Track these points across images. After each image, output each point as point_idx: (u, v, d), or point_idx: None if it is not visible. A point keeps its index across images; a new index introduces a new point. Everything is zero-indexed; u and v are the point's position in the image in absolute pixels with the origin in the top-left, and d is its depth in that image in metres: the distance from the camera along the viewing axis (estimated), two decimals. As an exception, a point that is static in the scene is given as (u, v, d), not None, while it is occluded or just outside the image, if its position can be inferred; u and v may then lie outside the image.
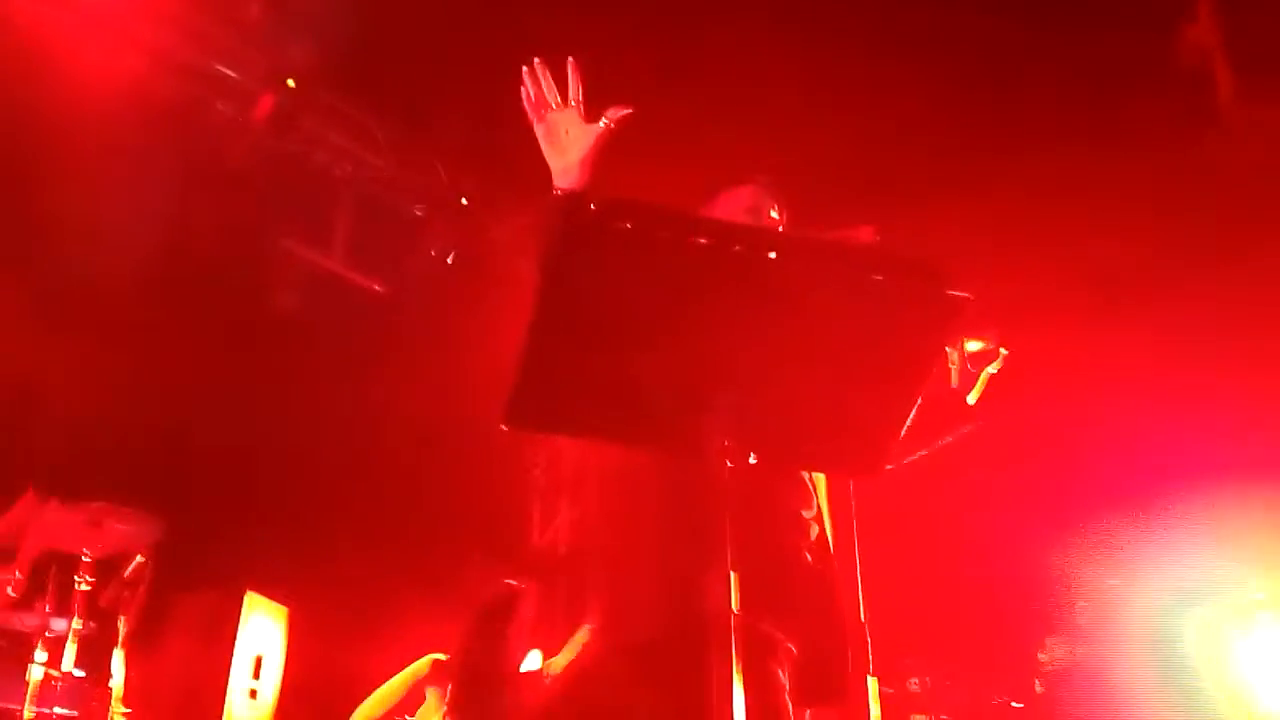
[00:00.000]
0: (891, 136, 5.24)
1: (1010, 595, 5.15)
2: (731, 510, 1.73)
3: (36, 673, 4.39)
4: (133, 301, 5.58)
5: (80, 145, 5.15)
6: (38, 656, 4.43)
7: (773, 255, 1.66)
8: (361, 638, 5.13)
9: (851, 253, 1.72)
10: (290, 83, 5.77)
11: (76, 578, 4.52)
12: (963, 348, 2.78)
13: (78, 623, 4.48)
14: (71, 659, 4.47)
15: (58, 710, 4.51)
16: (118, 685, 4.49)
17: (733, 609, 1.65)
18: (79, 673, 4.54)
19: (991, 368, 2.66)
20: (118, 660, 4.53)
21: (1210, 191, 5.00)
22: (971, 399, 2.61)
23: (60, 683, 4.48)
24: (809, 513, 2.50)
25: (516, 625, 3.74)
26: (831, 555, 2.51)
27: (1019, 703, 4.77)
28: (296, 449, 6.06)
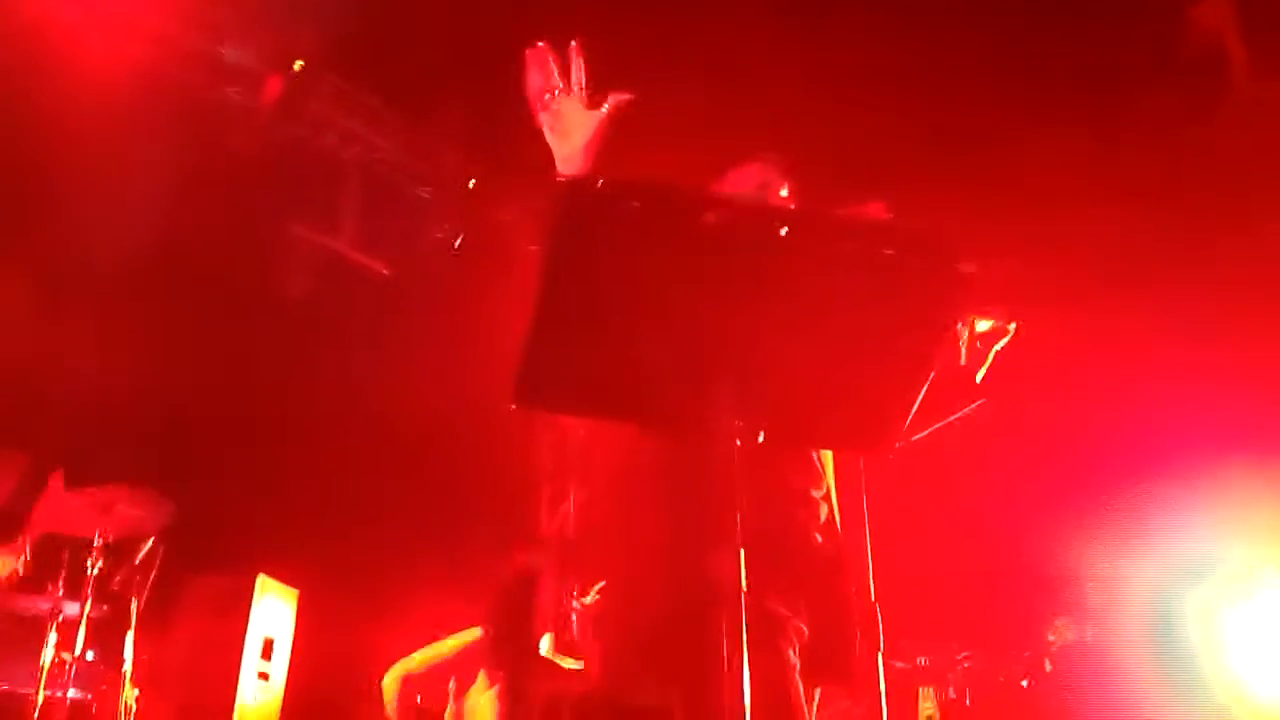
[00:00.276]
0: (897, 117, 5.21)
1: (1018, 575, 5.15)
2: (740, 490, 1.72)
3: (48, 656, 4.42)
4: (143, 285, 5.59)
5: (88, 129, 5.14)
6: (50, 640, 4.45)
7: (782, 231, 1.64)
8: (372, 620, 5.15)
9: (861, 228, 1.70)
10: (297, 66, 5.75)
11: (88, 561, 4.54)
12: (973, 326, 2.76)
13: (90, 606, 4.50)
14: (83, 642, 4.50)
15: (70, 693, 4.53)
16: (129, 668, 4.51)
17: (741, 587, 1.64)
18: (91, 656, 4.56)
19: (1000, 344, 2.65)
20: (129, 643, 4.56)
21: (1216, 170, 4.97)
22: (979, 376, 2.60)
23: (73, 666, 4.50)
24: (818, 492, 2.49)
25: (540, 599, 3.94)
26: (840, 535, 2.50)
27: (1026, 680, 4.77)
28: (307, 432, 6.08)
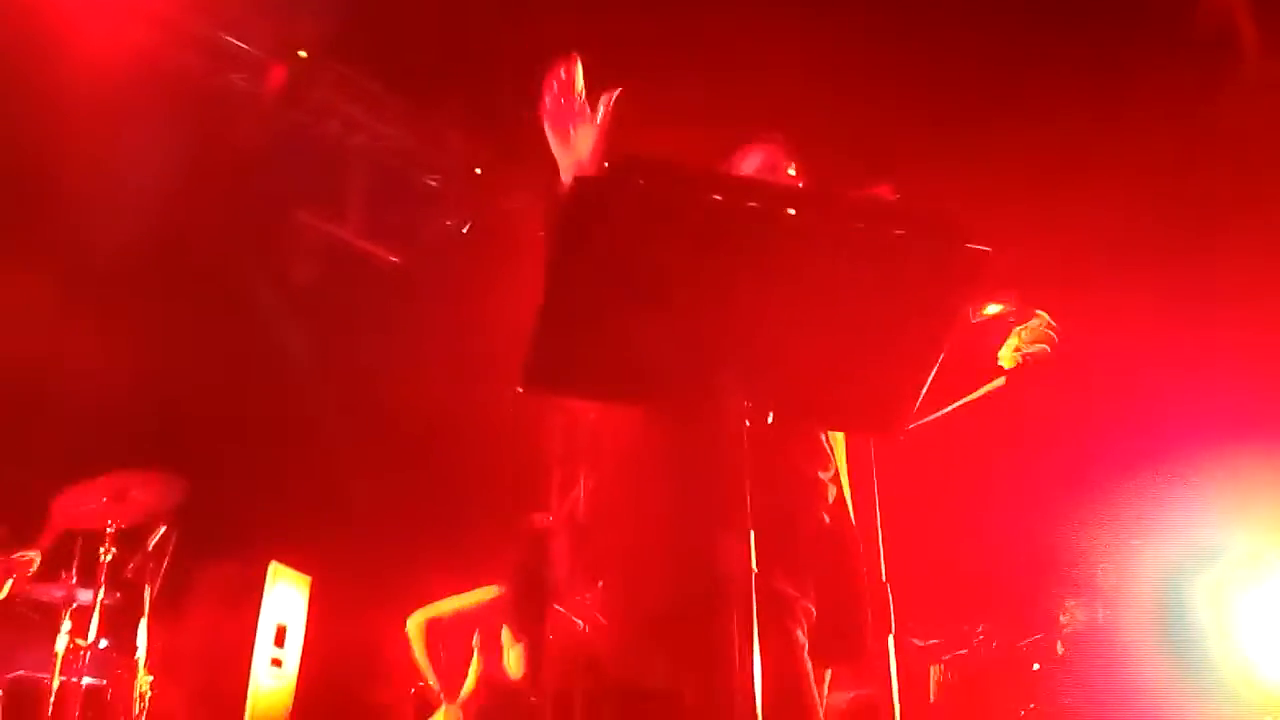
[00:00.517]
0: (902, 101, 5.18)
1: (1029, 558, 5.14)
2: (749, 471, 1.71)
3: (63, 643, 4.44)
4: (151, 273, 5.60)
5: (92, 118, 5.15)
6: (64, 627, 4.48)
7: (791, 211, 1.63)
8: (383, 606, 5.16)
9: (871, 208, 1.69)
10: (302, 53, 5.74)
11: (101, 549, 4.56)
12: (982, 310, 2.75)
13: (103, 594, 4.52)
14: (97, 629, 4.52)
15: (85, 680, 4.55)
16: (142, 655, 4.54)
17: (751, 570, 1.64)
18: (105, 643, 4.59)
19: (1025, 336, 2.63)
20: (143, 630, 4.58)
21: (1225, 151, 4.93)
22: (1005, 362, 2.58)
23: (87, 653, 4.52)
24: (825, 474, 2.49)
25: (557, 551, 4.11)
26: (849, 516, 2.50)
27: (1038, 663, 4.76)
28: (318, 420, 6.09)
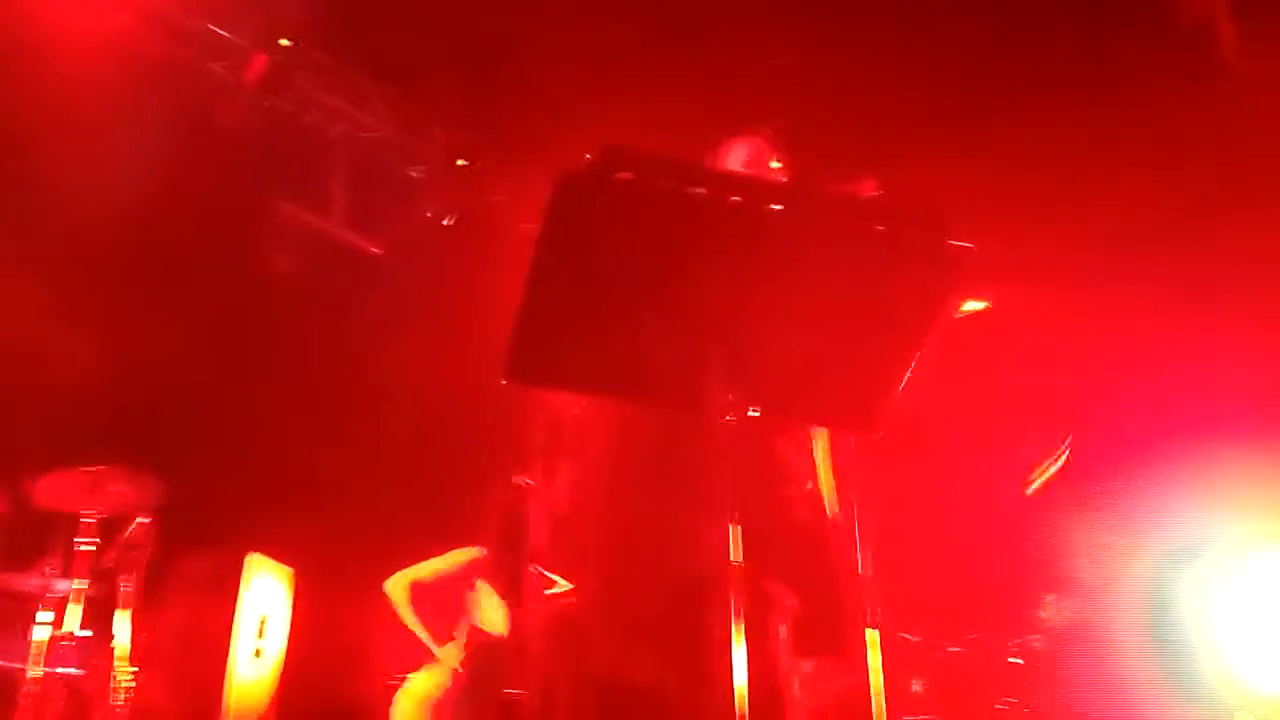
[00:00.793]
0: (891, 95, 5.20)
1: (1010, 552, 5.17)
2: (733, 466, 1.72)
3: (40, 633, 4.41)
4: (130, 262, 5.56)
5: (71, 107, 5.10)
6: (41, 617, 4.44)
7: (775, 206, 1.64)
8: (366, 597, 5.14)
9: (854, 203, 1.70)
10: (284, 42, 5.70)
11: (79, 539, 4.53)
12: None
13: (81, 583, 4.49)
14: (75, 619, 4.49)
15: (62, 670, 4.52)
16: (121, 645, 4.51)
17: (735, 564, 1.65)
18: (82, 633, 4.56)
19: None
20: (121, 620, 4.56)
21: (1212, 147, 4.97)
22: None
23: (65, 643, 4.50)
24: (806, 470, 2.50)
25: (534, 512, 4.14)
26: (830, 512, 2.52)
27: (1018, 659, 4.79)
28: (300, 410, 6.06)
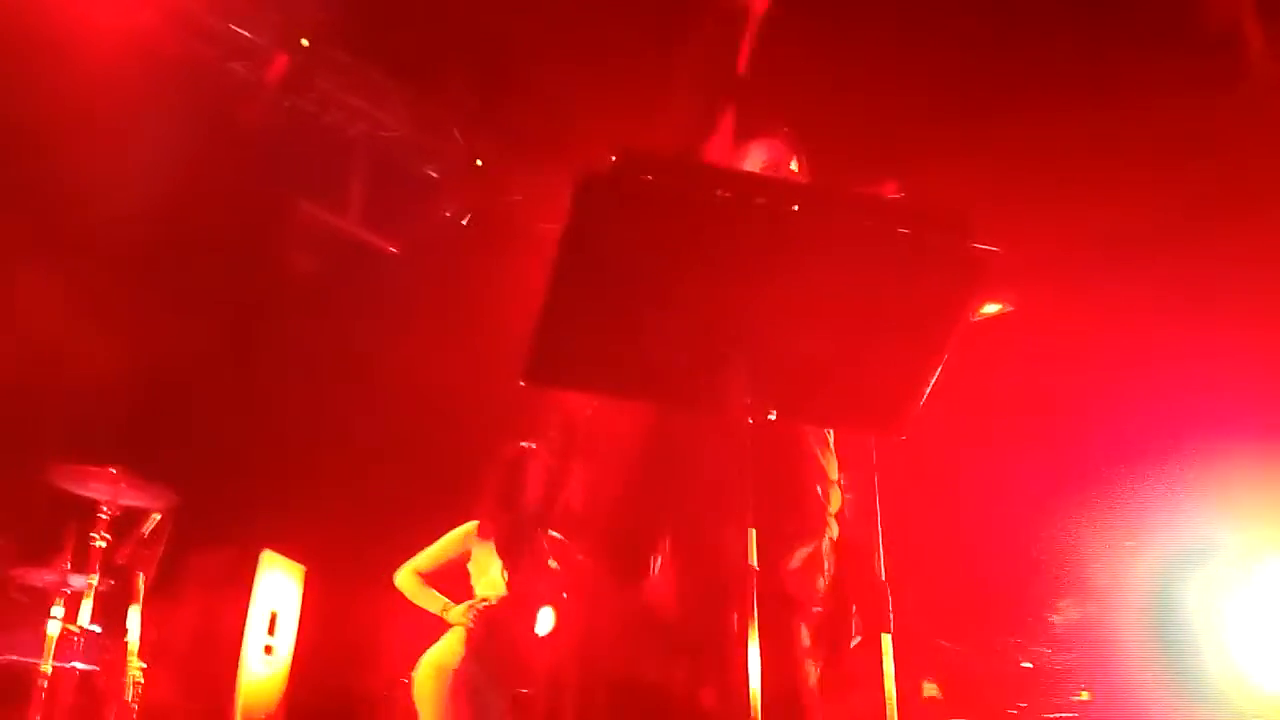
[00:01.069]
0: (904, 95, 5.18)
1: (1020, 557, 5.15)
2: (752, 468, 1.71)
3: (55, 628, 4.43)
4: (150, 259, 5.58)
5: (93, 106, 5.12)
6: (56, 612, 4.46)
7: (796, 208, 1.63)
8: (377, 595, 5.15)
9: (877, 205, 1.69)
10: (305, 42, 5.72)
11: (94, 534, 4.55)
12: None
13: (95, 579, 4.51)
14: (89, 615, 4.51)
15: (76, 665, 4.54)
16: (135, 641, 4.53)
17: (752, 566, 1.64)
18: (96, 628, 4.58)
19: None
20: (135, 616, 4.57)
21: (1230, 151, 4.94)
22: None
23: (78, 638, 4.51)
24: (828, 474, 2.50)
25: (533, 473, 4.24)
26: (850, 517, 2.51)
27: (1029, 663, 4.78)
28: (314, 408, 6.08)
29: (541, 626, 4.34)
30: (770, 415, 1.79)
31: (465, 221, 6.54)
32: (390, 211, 6.38)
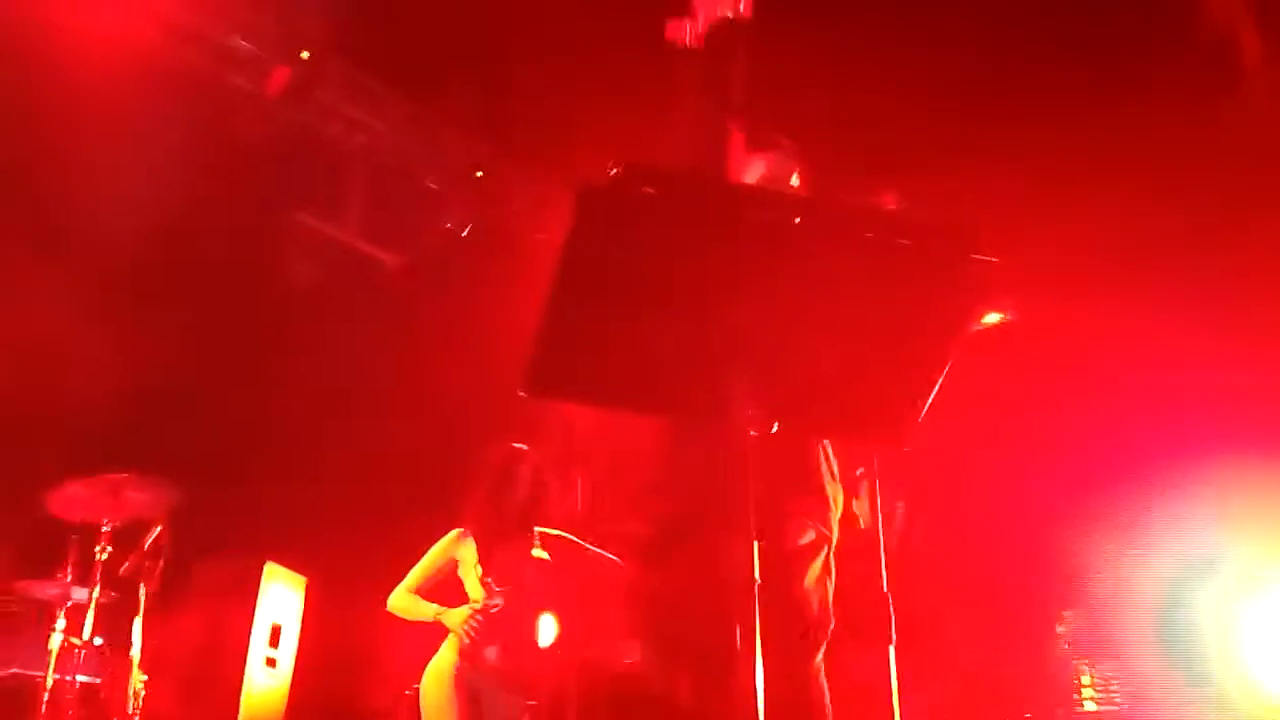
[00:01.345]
0: (907, 104, 5.19)
1: (1028, 568, 5.15)
2: (755, 479, 1.71)
3: (57, 640, 4.43)
4: (151, 271, 5.59)
5: (94, 118, 5.13)
6: (59, 625, 4.47)
7: (797, 220, 1.63)
8: (380, 608, 5.15)
9: (877, 217, 1.69)
10: (305, 54, 5.73)
11: (97, 547, 4.55)
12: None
13: (98, 592, 4.51)
14: (92, 627, 4.51)
15: (79, 678, 4.54)
16: (137, 653, 4.52)
17: (754, 578, 1.64)
18: (99, 641, 4.57)
19: None
20: (138, 629, 4.57)
21: (1228, 159, 4.95)
22: None
23: (82, 651, 4.51)
24: (834, 485, 2.49)
25: (523, 474, 4.16)
26: (856, 529, 2.51)
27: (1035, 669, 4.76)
28: (316, 419, 6.08)
29: (544, 637, 4.33)
30: (773, 428, 1.79)
31: (466, 233, 6.55)
32: (390, 223, 6.39)
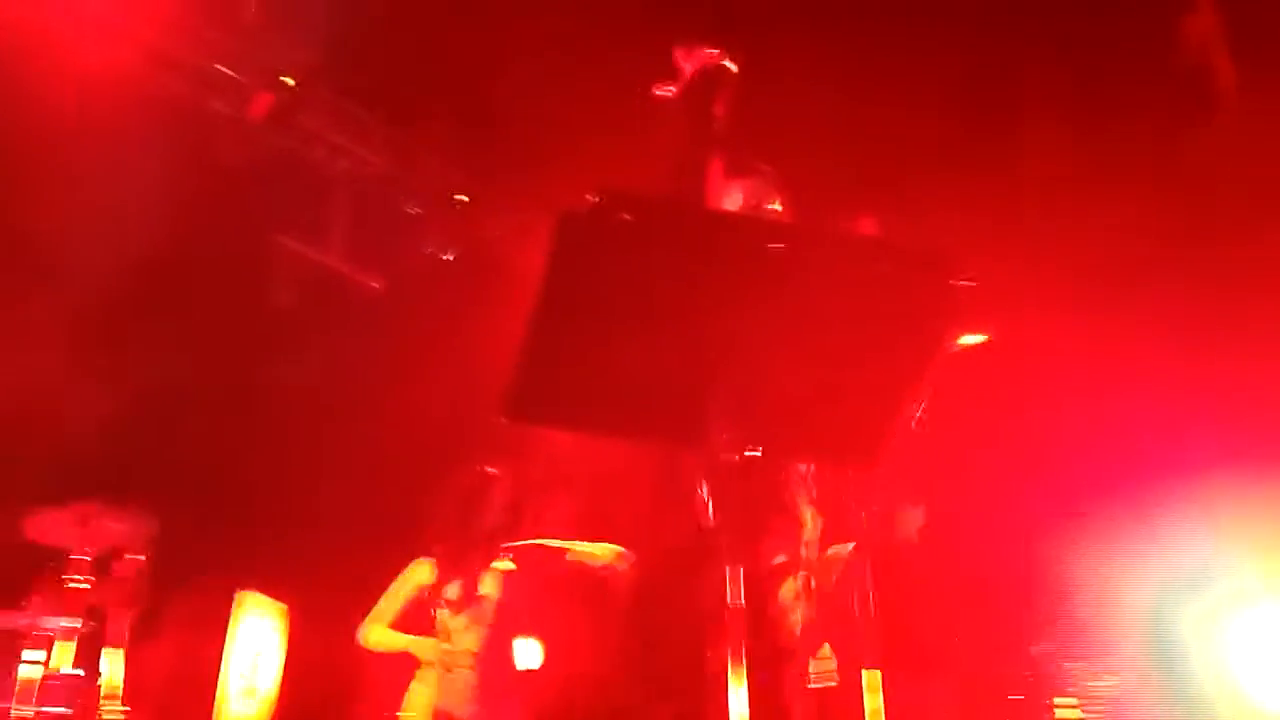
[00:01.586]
0: (886, 125, 5.24)
1: (1006, 588, 5.15)
2: (734, 504, 1.71)
3: (28, 671, 4.36)
4: (127, 298, 5.55)
5: (74, 144, 5.12)
6: (29, 655, 4.39)
7: (776, 246, 1.64)
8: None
9: (855, 243, 1.70)
10: (288, 80, 5.74)
11: (69, 575, 4.48)
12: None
13: (71, 620, 4.44)
14: (64, 657, 4.44)
15: (50, 709, 4.46)
16: (111, 683, 4.46)
17: (740, 601, 1.64)
18: (72, 671, 4.50)
19: None
20: (111, 658, 4.50)
21: (1207, 181, 5.00)
22: None
23: (53, 681, 4.44)
24: (810, 508, 2.50)
25: (494, 499, 4.17)
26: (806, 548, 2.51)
27: (1017, 695, 4.76)
28: (295, 446, 6.04)
29: (527, 661, 4.29)
30: (753, 451, 1.79)
31: (448, 257, 6.56)
32: (372, 248, 6.39)
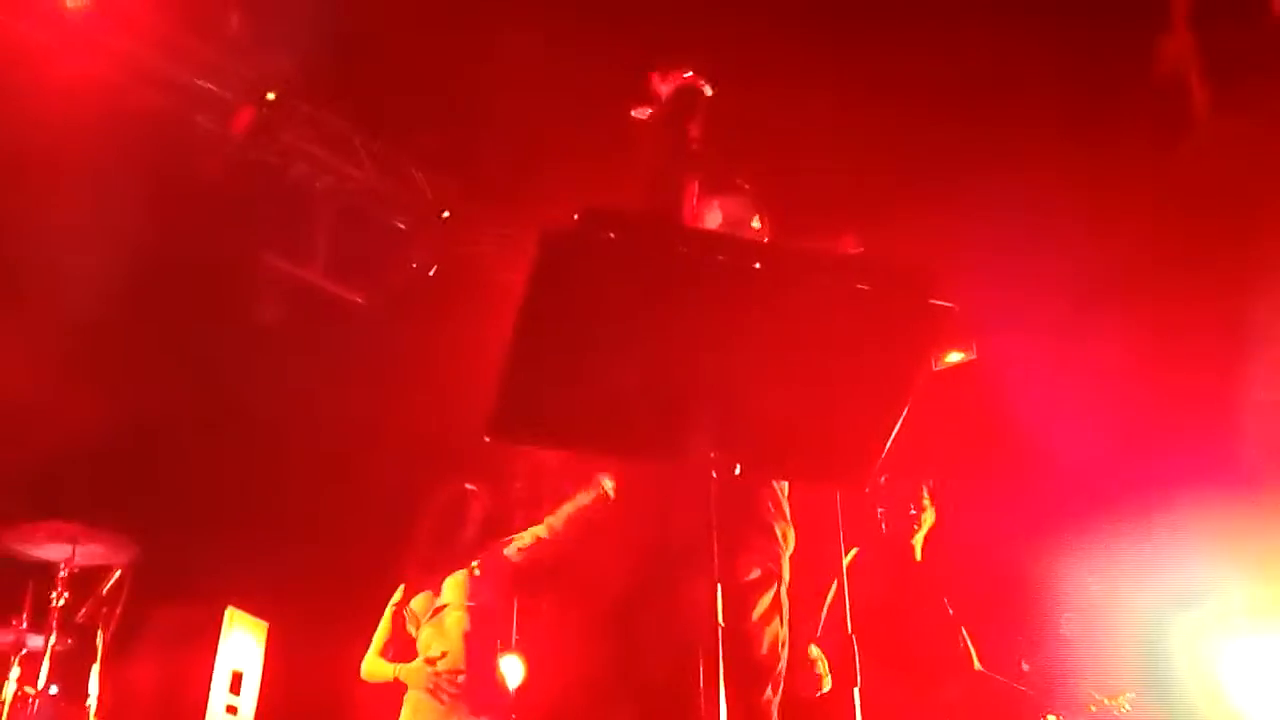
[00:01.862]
0: (869, 144, 5.27)
1: (996, 605, 5.16)
2: (717, 522, 1.72)
3: (10, 690, 4.33)
4: (109, 316, 5.53)
5: (56, 159, 5.10)
6: (13, 674, 4.37)
7: (757, 265, 1.65)
8: (342, 653, 5.09)
9: (836, 262, 1.71)
10: (270, 95, 5.74)
11: (53, 594, 4.46)
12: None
13: (54, 639, 4.42)
14: (46, 676, 4.41)
15: (33, 728, 4.44)
16: (94, 702, 4.43)
17: (718, 620, 1.64)
18: (55, 690, 4.48)
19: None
20: (95, 677, 4.48)
21: (1186, 199, 5.05)
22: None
23: (36, 700, 4.41)
24: (785, 526, 2.51)
25: (472, 516, 4.14)
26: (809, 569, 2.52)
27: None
28: (278, 464, 6.02)
29: (510, 678, 4.28)
30: (735, 470, 1.80)
31: (432, 273, 6.55)
32: (356, 263, 6.38)
